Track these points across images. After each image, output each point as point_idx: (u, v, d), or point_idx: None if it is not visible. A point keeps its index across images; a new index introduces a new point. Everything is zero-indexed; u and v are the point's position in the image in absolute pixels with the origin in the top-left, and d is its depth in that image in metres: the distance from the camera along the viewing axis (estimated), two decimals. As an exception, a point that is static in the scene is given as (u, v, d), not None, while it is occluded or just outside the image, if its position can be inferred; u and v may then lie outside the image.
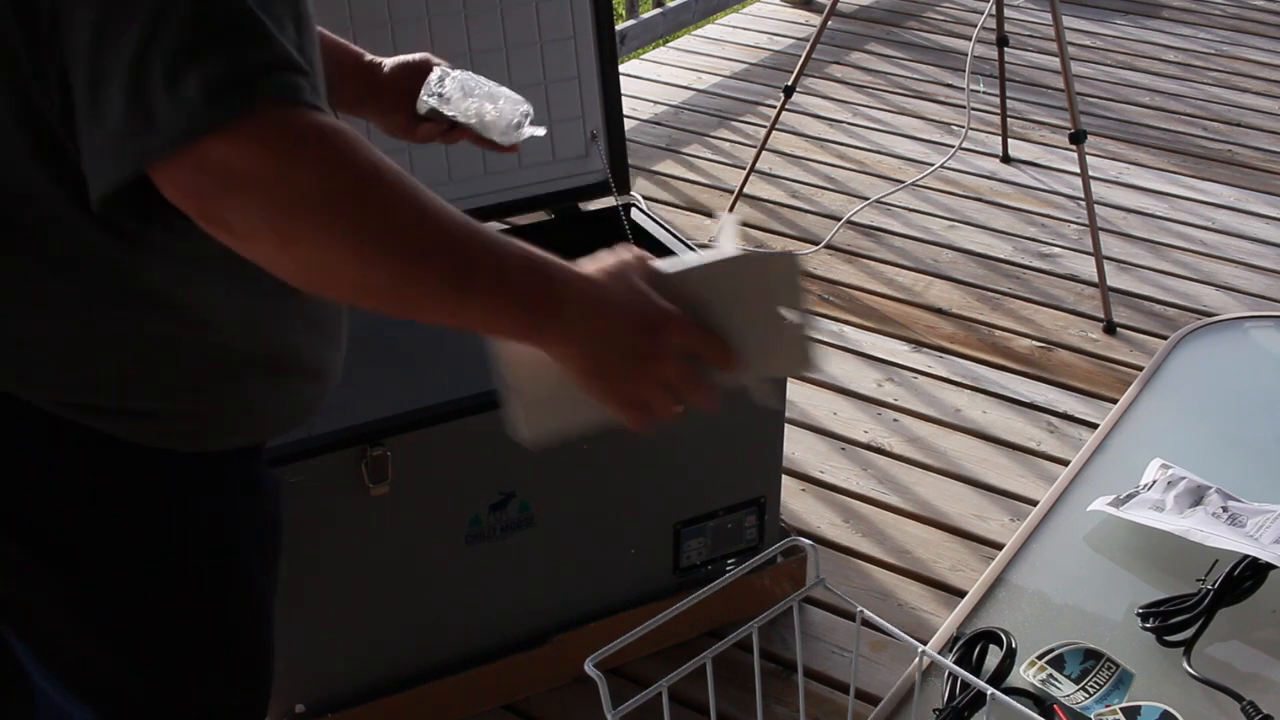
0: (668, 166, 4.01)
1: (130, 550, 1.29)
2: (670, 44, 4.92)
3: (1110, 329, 3.21)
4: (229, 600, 1.39)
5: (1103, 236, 3.36)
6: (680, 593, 2.23)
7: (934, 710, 1.22)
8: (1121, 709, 1.24)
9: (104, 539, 1.28)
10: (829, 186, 3.90)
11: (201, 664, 1.40)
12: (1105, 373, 3.07)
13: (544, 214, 2.46)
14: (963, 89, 3.77)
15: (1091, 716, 1.20)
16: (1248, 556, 1.32)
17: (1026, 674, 1.26)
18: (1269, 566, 1.32)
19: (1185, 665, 1.26)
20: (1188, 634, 1.29)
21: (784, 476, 2.40)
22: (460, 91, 1.55)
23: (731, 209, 3.58)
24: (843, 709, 2.17)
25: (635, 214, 2.45)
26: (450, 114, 1.56)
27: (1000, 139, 4.00)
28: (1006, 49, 3.68)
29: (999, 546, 2.46)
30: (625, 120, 2.49)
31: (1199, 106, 4.44)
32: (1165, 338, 2.31)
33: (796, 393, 2.96)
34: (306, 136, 0.95)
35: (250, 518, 1.40)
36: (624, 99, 2.47)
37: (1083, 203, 3.38)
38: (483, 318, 1.05)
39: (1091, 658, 1.25)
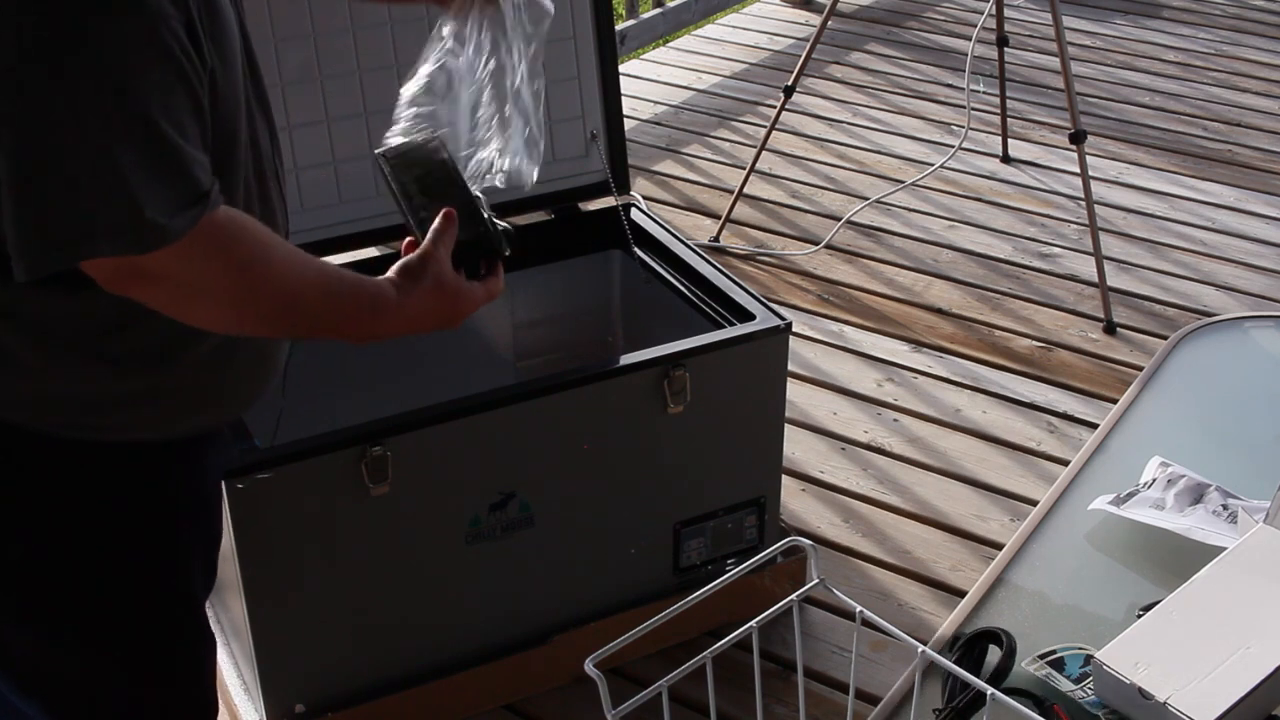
0: (668, 166, 4.01)
1: (64, 542, 1.31)
2: (670, 44, 4.92)
3: (1110, 329, 3.21)
4: (165, 594, 1.40)
5: (1103, 236, 3.36)
6: (680, 593, 2.22)
7: (934, 710, 1.22)
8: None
9: (38, 529, 1.30)
10: (829, 186, 3.89)
11: (140, 657, 1.40)
12: (1105, 373, 3.07)
13: (544, 214, 2.46)
14: (963, 89, 3.77)
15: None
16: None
17: (1027, 671, 1.26)
18: None
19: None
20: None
21: (784, 476, 2.40)
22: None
23: (731, 209, 3.58)
24: (843, 709, 2.17)
25: (635, 214, 2.45)
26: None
27: (1000, 139, 4.00)
28: (1006, 49, 3.68)
29: (999, 546, 2.46)
30: (625, 120, 2.49)
31: (1199, 106, 4.44)
32: (1165, 338, 2.31)
33: (796, 393, 2.96)
34: (208, 248, 1.16)
35: (188, 504, 1.41)
36: (624, 99, 2.46)
37: (1083, 203, 3.38)
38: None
39: (1090, 661, 1.25)
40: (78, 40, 1.06)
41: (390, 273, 1.34)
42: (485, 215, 1.42)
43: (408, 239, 1.41)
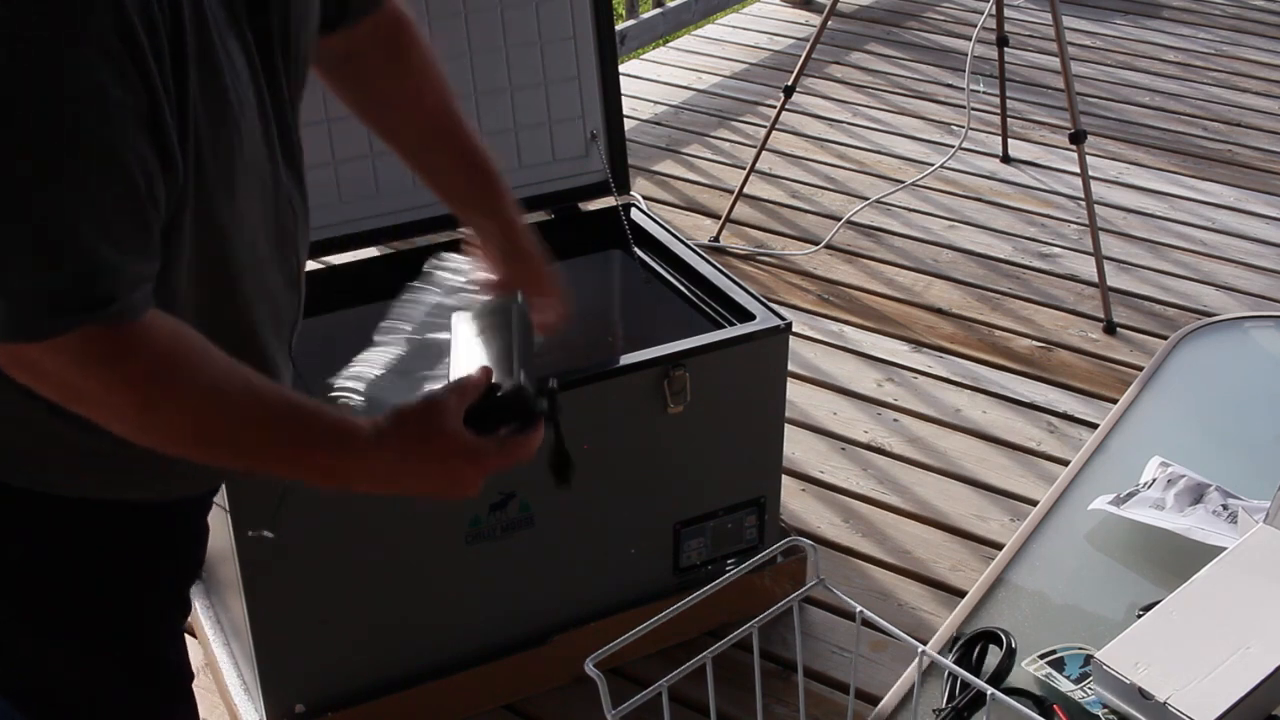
0: (668, 166, 4.01)
1: (48, 560, 1.29)
2: (670, 44, 4.92)
3: (1110, 329, 3.21)
4: (137, 616, 1.38)
5: (1103, 236, 3.36)
6: (680, 593, 2.22)
7: (934, 710, 1.22)
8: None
9: (29, 544, 1.28)
10: (829, 186, 3.89)
11: (112, 671, 1.38)
12: (1105, 373, 3.07)
13: (544, 214, 2.46)
14: (963, 89, 3.77)
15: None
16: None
17: (1027, 671, 1.26)
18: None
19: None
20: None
21: (784, 476, 2.40)
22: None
23: (731, 209, 3.58)
24: (843, 709, 2.17)
25: (635, 214, 2.45)
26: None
27: (1000, 139, 4.00)
28: (1006, 49, 3.68)
29: (999, 546, 2.46)
30: (625, 120, 2.49)
31: (1199, 106, 4.44)
32: (1165, 338, 2.31)
33: (796, 393, 2.96)
34: (92, 358, 1.06)
35: (170, 555, 1.38)
36: (624, 99, 2.46)
37: (1083, 203, 3.38)
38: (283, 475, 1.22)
39: (1090, 661, 1.25)
40: (8, 111, 0.97)
41: (383, 412, 1.21)
42: (521, 369, 1.25)
43: None
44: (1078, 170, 3.27)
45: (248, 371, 1.15)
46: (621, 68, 3.35)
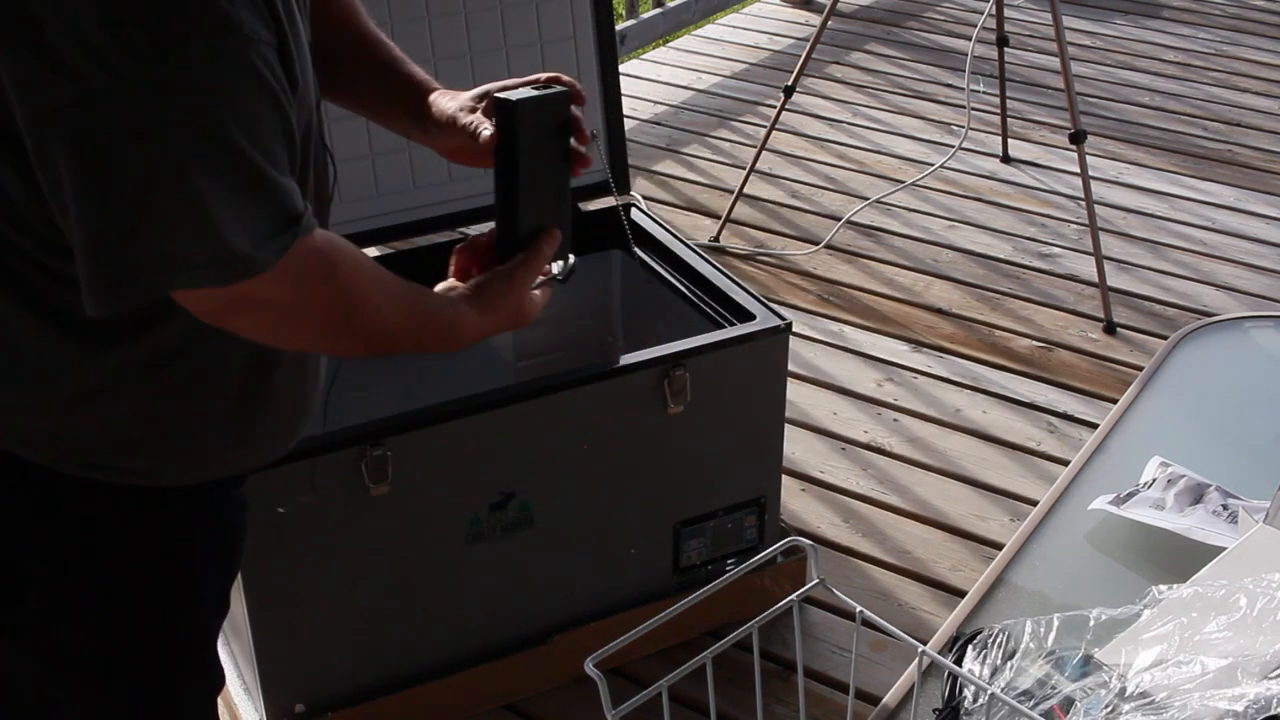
0: (668, 166, 4.01)
1: (81, 582, 1.27)
2: (670, 44, 4.92)
3: (1110, 329, 3.21)
4: (179, 634, 1.36)
5: (1103, 236, 3.36)
6: (680, 593, 2.23)
7: (934, 710, 1.22)
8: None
9: (55, 571, 1.26)
10: (829, 186, 3.89)
11: (145, 701, 1.37)
12: (1105, 373, 3.07)
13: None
14: (963, 89, 3.77)
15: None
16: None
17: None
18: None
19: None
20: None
21: (784, 476, 2.40)
22: None
23: (731, 209, 3.58)
24: (843, 709, 2.17)
25: (635, 214, 2.45)
26: None
27: (1000, 139, 4.00)
28: (1006, 49, 3.68)
29: (999, 546, 2.46)
30: (625, 120, 2.49)
31: (1199, 106, 4.44)
32: (1165, 338, 2.31)
33: (796, 393, 2.96)
34: (307, 274, 1.13)
35: (210, 546, 1.36)
36: (624, 99, 2.46)
37: (1083, 203, 3.38)
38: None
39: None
40: (167, 58, 0.99)
41: (470, 290, 1.31)
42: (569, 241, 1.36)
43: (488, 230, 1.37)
44: (1078, 170, 3.27)
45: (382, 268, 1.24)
46: (621, 68, 3.35)
